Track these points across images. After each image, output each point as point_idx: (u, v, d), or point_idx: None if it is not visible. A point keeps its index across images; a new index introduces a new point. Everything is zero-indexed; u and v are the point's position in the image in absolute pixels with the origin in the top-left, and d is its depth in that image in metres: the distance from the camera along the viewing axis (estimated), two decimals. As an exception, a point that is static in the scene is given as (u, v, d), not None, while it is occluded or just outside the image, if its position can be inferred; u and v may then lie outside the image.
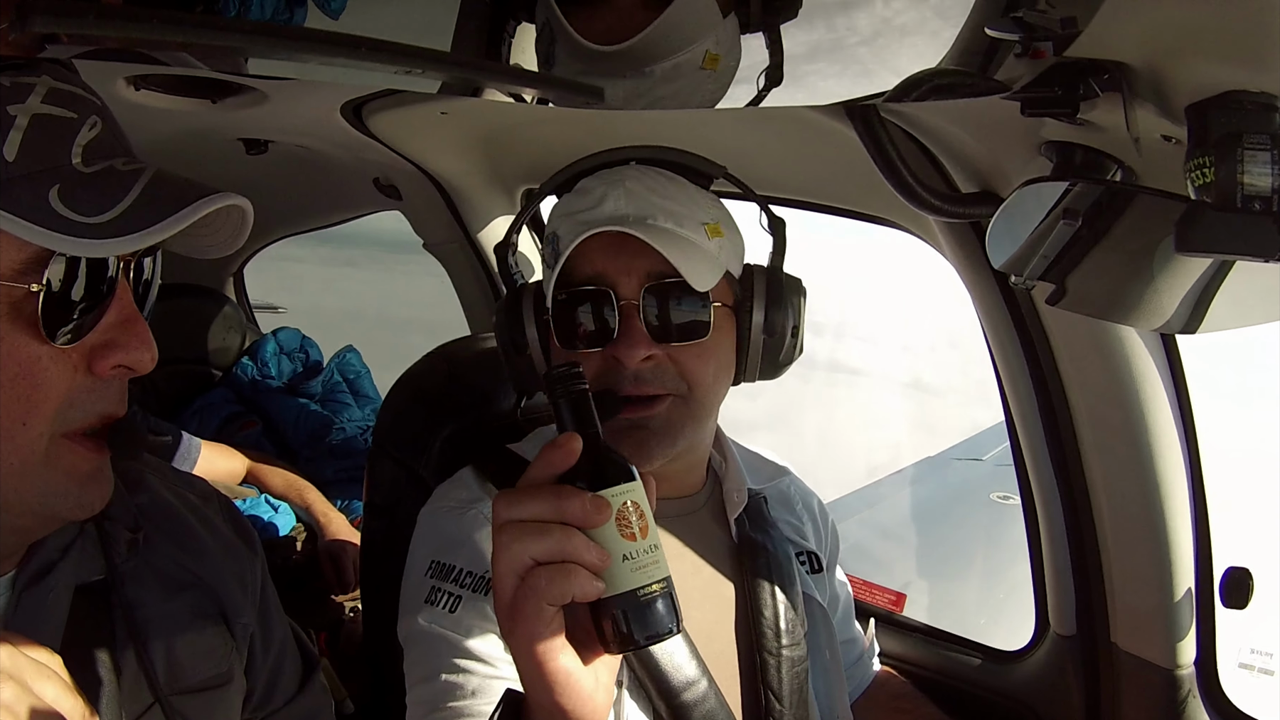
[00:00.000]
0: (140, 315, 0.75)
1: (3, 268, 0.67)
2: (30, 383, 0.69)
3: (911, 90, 0.94)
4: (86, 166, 0.71)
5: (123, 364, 0.73)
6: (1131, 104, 0.83)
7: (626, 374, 1.10)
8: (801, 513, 1.42)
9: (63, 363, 0.71)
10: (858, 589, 1.85)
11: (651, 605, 0.74)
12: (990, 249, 1.07)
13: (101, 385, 0.74)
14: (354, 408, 2.80)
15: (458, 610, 1.07)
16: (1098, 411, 1.40)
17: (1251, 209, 0.73)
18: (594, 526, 0.72)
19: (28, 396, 0.69)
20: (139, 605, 0.85)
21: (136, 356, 0.73)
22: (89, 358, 0.72)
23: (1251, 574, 1.38)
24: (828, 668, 1.28)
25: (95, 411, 0.74)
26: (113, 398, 0.75)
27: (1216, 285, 0.93)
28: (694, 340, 1.12)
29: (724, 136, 1.58)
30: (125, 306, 0.74)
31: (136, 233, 0.68)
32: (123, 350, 0.73)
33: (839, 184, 1.62)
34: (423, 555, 1.15)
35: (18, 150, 0.68)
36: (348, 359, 2.94)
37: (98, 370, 0.73)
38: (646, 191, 1.12)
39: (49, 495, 0.74)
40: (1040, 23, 0.78)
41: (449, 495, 1.21)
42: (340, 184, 2.33)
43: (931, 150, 1.29)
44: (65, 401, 0.72)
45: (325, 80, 1.43)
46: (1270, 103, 0.75)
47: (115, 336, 0.73)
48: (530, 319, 1.18)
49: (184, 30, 0.75)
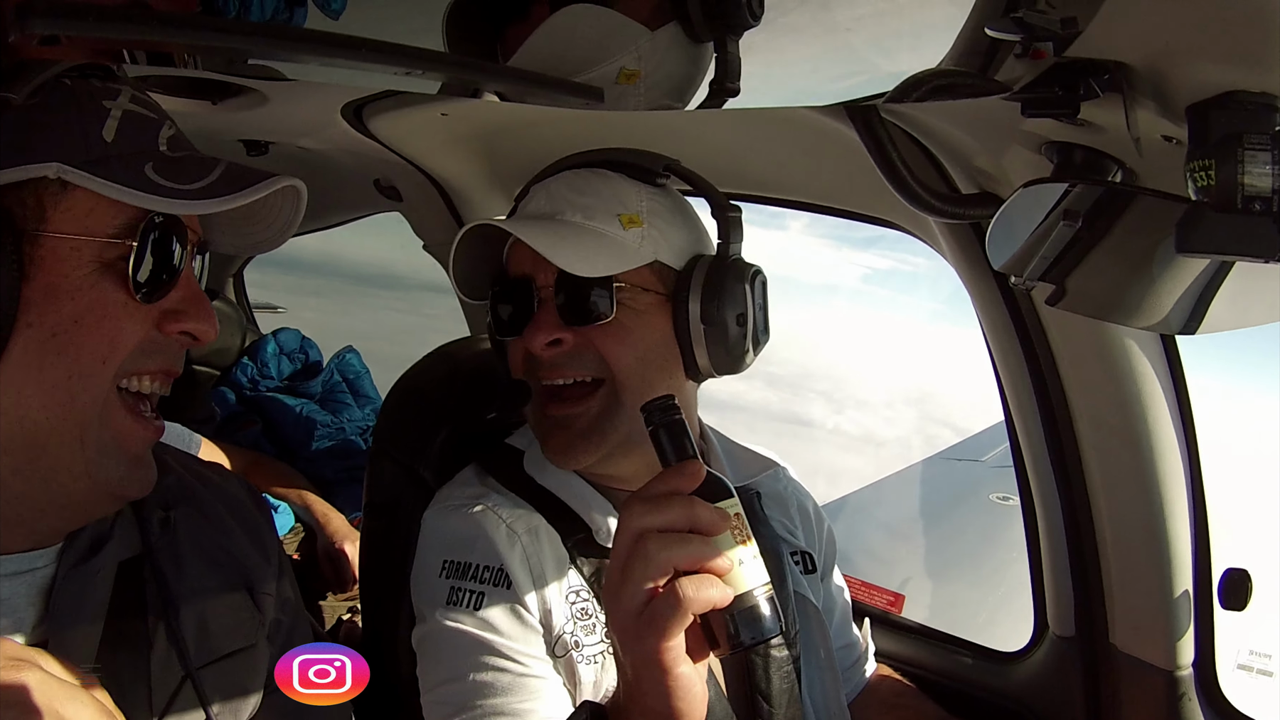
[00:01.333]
0: (203, 294, 0.87)
1: (100, 229, 0.78)
2: (114, 326, 0.79)
3: (912, 91, 0.94)
4: (172, 152, 0.83)
5: (187, 329, 0.84)
6: (1132, 104, 0.83)
7: (543, 361, 1.15)
8: (795, 513, 1.42)
9: (140, 316, 0.81)
10: (856, 589, 1.85)
11: (759, 608, 0.79)
12: (990, 250, 1.07)
13: (166, 343, 0.84)
14: (354, 408, 2.80)
15: (483, 607, 1.08)
16: (1097, 413, 1.40)
17: (1252, 209, 0.73)
18: (718, 534, 0.78)
19: (111, 340, 0.79)
20: (172, 580, 0.90)
21: (201, 326, 0.85)
22: (159, 319, 0.83)
23: (1250, 575, 1.38)
24: (821, 667, 1.27)
25: (158, 363, 0.84)
26: (174, 354, 0.86)
27: (1216, 286, 0.93)
28: (600, 321, 1.13)
29: (724, 137, 1.58)
30: (192, 285, 0.86)
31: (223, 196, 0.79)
32: (191, 319, 0.84)
33: (839, 185, 1.62)
34: (434, 556, 1.15)
35: (115, 134, 0.80)
36: (347, 359, 2.94)
37: (166, 330, 0.83)
38: (565, 189, 1.19)
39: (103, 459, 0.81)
40: (1040, 23, 0.78)
41: (453, 494, 1.21)
42: (341, 185, 2.32)
43: (932, 151, 1.29)
44: (139, 349, 0.81)
45: (326, 81, 1.43)
46: (1270, 103, 0.75)
47: (184, 307, 0.84)
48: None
49: (184, 31, 0.75)
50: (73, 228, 0.77)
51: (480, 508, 1.16)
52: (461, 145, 1.94)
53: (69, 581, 0.82)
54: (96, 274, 0.78)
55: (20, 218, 0.76)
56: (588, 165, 1.23)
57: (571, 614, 1.11)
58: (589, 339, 1.13)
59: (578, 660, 1.09)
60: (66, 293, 0.77)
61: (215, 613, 0.92)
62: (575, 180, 1.20)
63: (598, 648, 1.11)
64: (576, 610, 1.11)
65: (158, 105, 0.87)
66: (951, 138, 1.23)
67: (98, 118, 0.80)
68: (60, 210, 0.77)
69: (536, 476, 1.20)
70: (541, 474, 1.20)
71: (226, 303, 3.08)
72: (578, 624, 1.11)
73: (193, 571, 0.92)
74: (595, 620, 1.12)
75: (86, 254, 0.78)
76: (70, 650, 0.78)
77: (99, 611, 0.83)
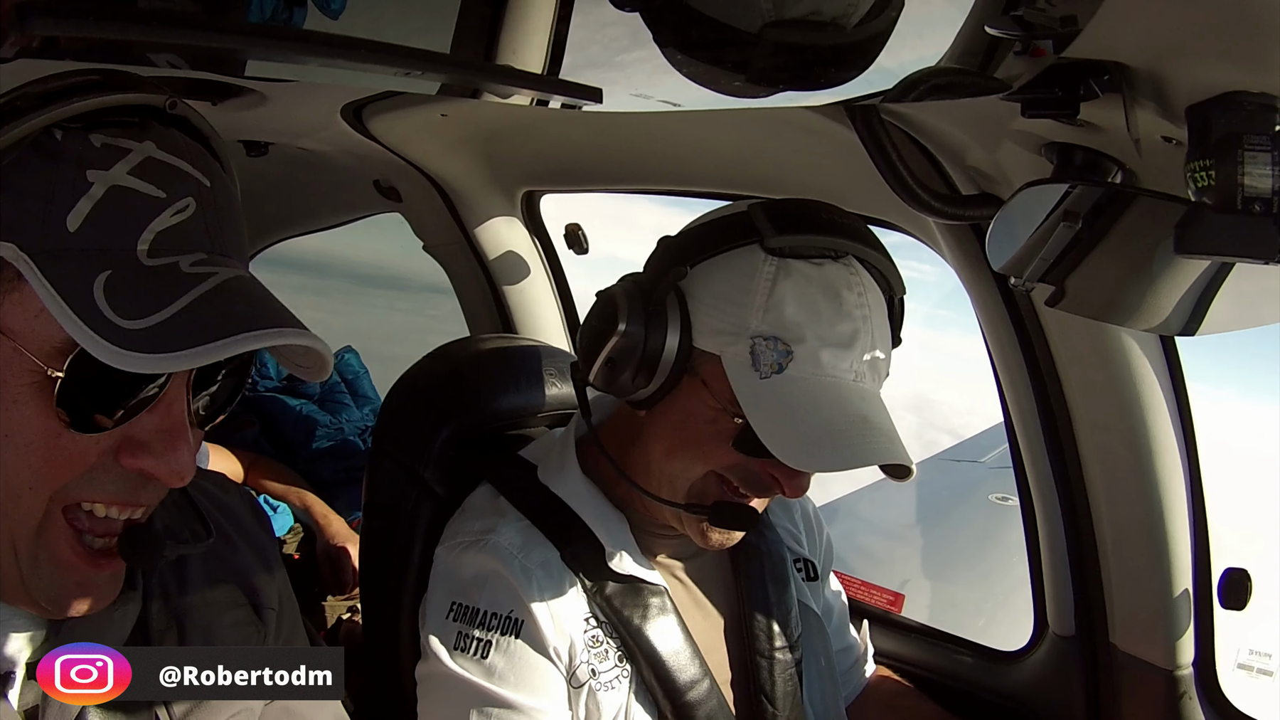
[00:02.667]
0: (185, 429, 0.70)
1: (40, 343, 0.64)
2: (43, 454, 0.66)
3: (911, 89, 0.94)
4: (150, 258, 0.66)
5: (144, 469, 0.69)
6: (1132, 105, 0.83)
7: (775, 496, 1.10)
8: (799, 519, 1.42)
9: (83, 445, 0.67)
10: (856, 589, 1.85)
11: None
12: (990, 251, 1.07)
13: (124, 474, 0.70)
14: (352, 408, 2.80)
15: (490, 656, 1.07)
16: (1097, 413, 1.40)
17: (1252, 210, 0.73)
18: None
19: (38, 468, 0.67)
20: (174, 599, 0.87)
21: (164, 469, 0.69)
22: (120, 447, 0.68)
23: (1250, 575, 1.38)
24: (822, 673, 1.28)
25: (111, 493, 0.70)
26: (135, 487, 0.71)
27: (1216, 287, 0.93)
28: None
29: (723, 137, 1.58)
30: (173, 416, 0.69)
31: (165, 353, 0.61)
32: (152, 458, 0.69)
33: (838, 185, 1.62)
34: (442, 595, 1.14)
35: (82, 221, 0.64)
36: (346, 359, 2.94)
37: (124, 463, 0.69)
38: (880, 340, 1.06)
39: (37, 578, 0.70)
40: (1040, 21, 0.78)
41: (462, 529, 1.18)
42: (340, 186, 2.32)
43: (931, 151, 1.29)
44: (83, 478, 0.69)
45: (325, 82, 1.42)
46: (1270, 103, 0.75)
47: (150, 439, 0.69)
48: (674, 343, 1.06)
49: (184, 31, 0.75)
50: (18, 328, 0.64)
51: (490, 544, 1.13)
52: (461, 145, 1.94)
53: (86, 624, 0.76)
54: (34, 388, 0.64)
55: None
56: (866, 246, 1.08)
57: (585, 642, 1.11)
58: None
59: (597, 689, 1.09)
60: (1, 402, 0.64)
61: (219, 629, 0.89)
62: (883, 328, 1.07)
63: (612, 673, 1.11)
64: (589, 639, 1.11)
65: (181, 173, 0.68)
66: (951, 138, 1.23)
67: (70, 196, 0.64)
68: (11, 301, 0.64)
69: (555, 490, 1.19)
70: (560, 487, 1.19)
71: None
72: (591, 652, 1.10)
73: (196, 591, 0.89)
74: (607, 647, 1.12)
75: (26, 363, 0.64)
76: None
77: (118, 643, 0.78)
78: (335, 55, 0.82)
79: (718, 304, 1.05)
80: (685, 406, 1.08)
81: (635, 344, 1.06)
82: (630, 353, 1.06)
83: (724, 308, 1.05)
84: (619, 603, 1.13)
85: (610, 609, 1.13)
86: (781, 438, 0.99)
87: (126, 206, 0.66)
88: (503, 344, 1.56)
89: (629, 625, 1.12)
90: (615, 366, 1.08)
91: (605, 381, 1.11)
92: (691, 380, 1.07)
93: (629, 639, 1.12)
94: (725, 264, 1.06)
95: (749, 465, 1.06)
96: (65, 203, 0.64)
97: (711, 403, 1.06)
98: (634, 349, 1.06)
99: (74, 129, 0.66)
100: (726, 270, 1.06)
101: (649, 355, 1.06)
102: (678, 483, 1.10)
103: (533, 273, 2.13)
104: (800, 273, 1.03)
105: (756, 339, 1.02)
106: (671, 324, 1.05)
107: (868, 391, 1.04)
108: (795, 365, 1.01)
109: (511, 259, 2.12)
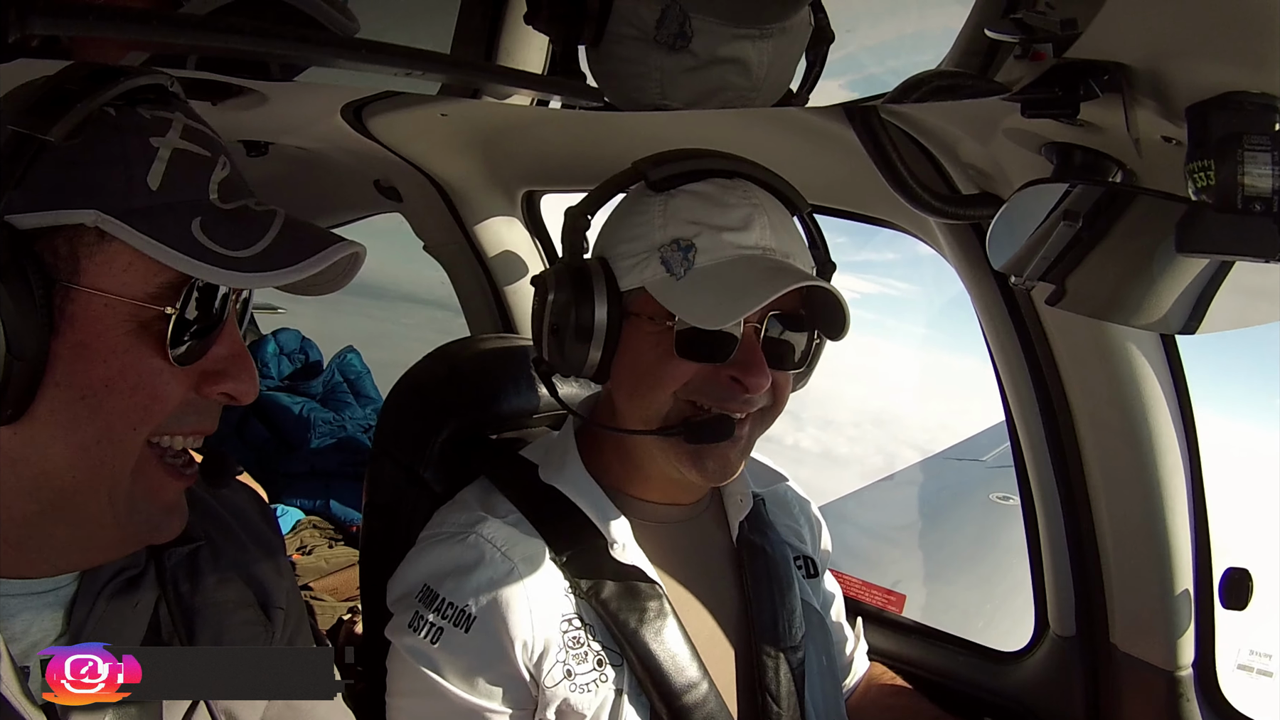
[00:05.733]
0: (246, 350, 0.81)
1: (138, 288, 0.72)
2: (149, 393, 0.74)
3: (912, 91, 0.94)
4: (224, 203, 0.76)
5: (228, 392, 0.79)
6: (1132, 105, 0.83)
7: (742, 397, 1.11)
8: (799, 515, 1.42)
9: (178, 381, 0.76)
10: (858, 590, 1.85)
11: None
12: (991, 250, 1.07)
13: (204, 405, 0.79)
14: (355, 406, 2.81)
15: (438, 643, 1.09)
16: (1097, 413, 1.40)
17: (1252, 210, 0.73)
18: None
19: (146, 406, 0.74)
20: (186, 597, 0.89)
21: (243, 388, 0.79)
22: (198, 381, 0.77)
23: (1251, 575, 1.38)
24: (823, 673, 1.28)
25: (193, 424, 0.79)
26: (210, 415, 0.81)
27: (1216, 286, 0.93)
28: (797, 369, 1.17)
29: (723, 138, 1.58)
30: (234, 341, 0.80)
31: (278, 269, 0.73)
32: (232, 380, 0.79)
33: (839, 185, 1.62)
34: (413, 573, 1.15)
35: (160, 180, 0.73)
36: (348, 359, 2.95)
37: (205, 393, 0.78)
38: (780, 226, 1.13)
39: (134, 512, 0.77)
40: (1040, 24, 0.78)
41: (447, 520, 1.19)
42: (341, 186, 2.32)
43: (932, 151, 1.29)
44: (175, 413, 0.77)
45: (325, 82, 1.43)
46: (1270, 103, 0.75)
47: (226, 367, 0.79)
48: (603, 304, 1.12)
49: (184, 32, 0.75)
50: (109, 284, 0.71)
51: (473, 537, 1.14)
52: (461, 145, 1.94)
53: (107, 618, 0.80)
54: (132, 335, 0.72)
55: (52, 267, 0.70)
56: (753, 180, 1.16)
57: (563, 643, 1.10)
58: (776, 379, 1.14)
59: (571, 690, 1.09)
60: (99, 353, 0.71)
61: (229, 629, 0.90)
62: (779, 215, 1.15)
63: (590, 675, 1.10)
64: (568, 640, 1.11)
65: (211, 136, 0.78)
66: (951, 138, 1.23)
67: (144, 160, 0.72)
68: (96, 263, 0.71)
69: (557, 484, 1.19)
70: (562, 482, 1.19)
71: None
72: (569, 653, 1.10)
73: (207, 590, 0.91)
74: (586, 649, 1.11)
75: (122, 313, 0.72)
76: None
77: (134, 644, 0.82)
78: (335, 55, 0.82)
79: (626, 244, 1.14)
80: (632, 346, 1.13)
81: (568, 305, 1.12)
82: (566, 314, 1.12)
83: (632, 245, 1.13)
84: (615, 606, 1.12)
85: (606, 612, 1.12)
86: (700, 309, 1.06)
87: (190, 164, 0.75)
88: (503, 344, 1.56)
89: (625, 628, 1.11)
90: (559, 334, 1.14)
91: (557, 356, 1.16)
92: (630, 322, 1.13)
93: (624, 642, 1.11)
94: (624, 211, 1.17)
95: (706, 375, 1.10)
96: (141, 167, 0.72)
97: (650, 327, 1.11)
98: (568, 310, 1.12)
99: (123, 106, 0.73)
100: (626, 214, 1.17)
101: (582, 314, 1.12)
102: (650, 418, 1.13)
103: (533, 273, 2.13)
104: (686, 191, 1.13)
105: (663, 249, 1.11)
106: (596, 279, 1.12)
107: (781, 262, 1.10)
108: (702, 255, 1.09)
109: (511, 259, 2.12)
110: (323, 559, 2.38)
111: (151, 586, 0.85)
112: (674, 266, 1.10)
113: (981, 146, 1.18)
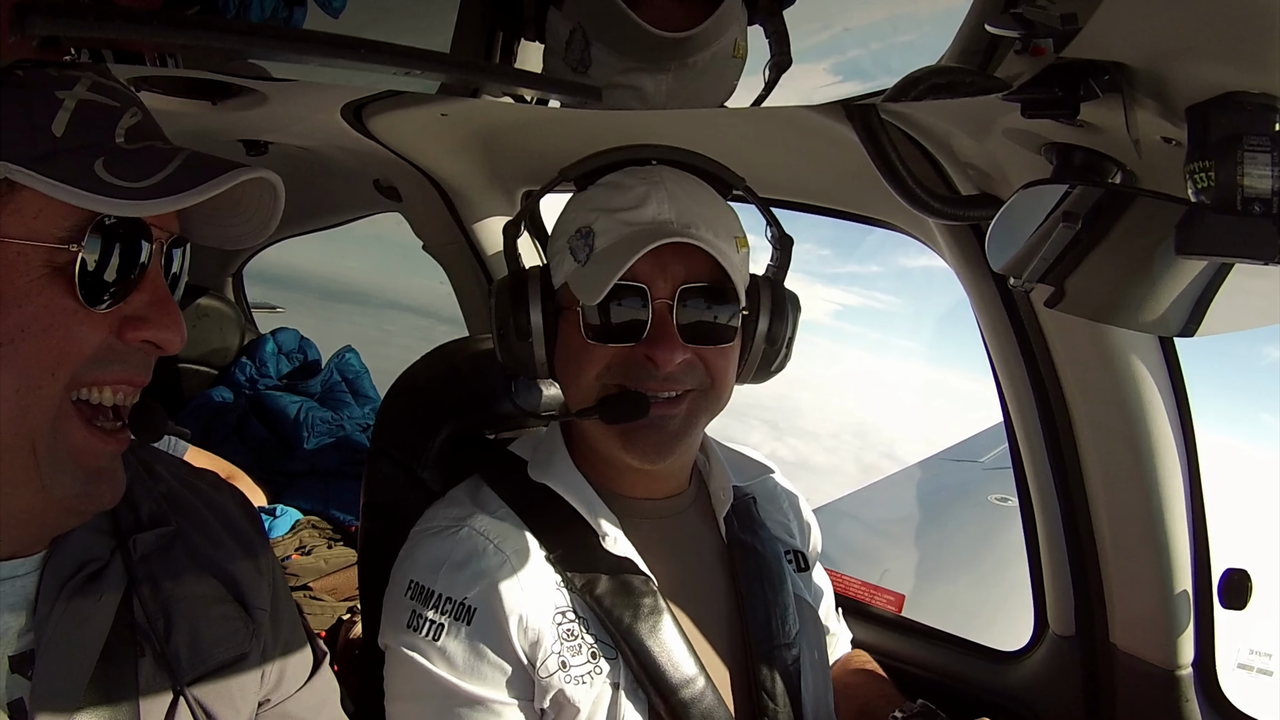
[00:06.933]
0: (171, 297, 0.81)
1: (47, 232, 0.73)
2: (62, 335, 0.74)
3: (911, 89, 0.94)
4: (129, 144, 0.77)
5: (151, 339, 0.79)
6: (1131, 105, 0.83)
7: (658, 374, 1.11)
8: (787, 509, 1.43)
9: (94, 324, 0.76)
10: (857, 589, 1.85)
11: None
12: (990, 251, 1.07)
13: (127, 351, 0.78)
14: (354, 406, 2.81)
15: (440, 640, 1.08)
16: (1096, 414, 1.40)
17: (1251, 211, 0.73)
18: None
19: (60, 349, 0.74)
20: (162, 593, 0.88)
21: (166, 335, 0.79)
22: (120, 326, 0.77)
23: (1250, 575, 1.38)
24: (816, 668, 1.28)
25: (118, 373, 0.78)
26: (137, 362, 0.80)
27: (1216, 287, 0.93)
28: (724, 344, 1.15)
29: (722, 138, 1.58)
30: (158, 287, 0.80)
31: (176, 194, 0.72)
32: (153, 327, 0.78)
33: (838, 186, 1.62)
34: (404, 572, 1.15)
35: (65, 128, 0.74)
36: (347, 359, 2.95)
37: (127, 338, 0.78)
38: (685, 197, 1.13)
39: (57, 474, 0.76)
40: (1040, 19, 0.78)
41: (439, 514, 1.20)
42: (341, 185, 2.32)
43: (931, 152, 1.29)
44: (93, 358, 0.76)
45: (325, 81, 1.43)
46: (1270, 103, 0.75)
47: (148, 313, 0.78)
48: (536, 305, 1.17)
49: (184, 31, 0.75)
50: (18, 231, 0.72)
51: (464, 530, 1.14)
52: (461, 145, 1.94)
53: (68, 616, 0.79)
54: (44, 280, 0.73)
55: None
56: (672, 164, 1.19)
57: (558, 635, 1.11)
58: (703, 355, 1.14)
59: (565, 682, 1.09)
60: (13, 300, 0.72)
61: (207, 622, 0.90)
62: (685, 186, 1.15)
63: (584, 668, 1.11)
64: (563, 631, 1.11)
65: (122, 91, 0.80)
66: (951, 139, 1.23)
67: (48, 110, 0.74)
68: (6, 213, 0.72)
69: (546, 480, 1.20)
70: (550, 478, 1.20)
71: (225, 302, 3.08)
72: (564, 644, 1.10)
73: (184, 582, 0.90)
74: (580, 641, 1.12)
75: (34, 259, 0.73)
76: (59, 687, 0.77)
77: (94, 647, 0.81)
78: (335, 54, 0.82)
79: (552, 243, 1.20)
80: (562, 338, 1.18)
81: (507, 311, 1.18)
82: (507, 320, 1.18)
83: (554, 244, 1.19)
84: (609, 601, 1.13)
85: (600, 607, 1.12)
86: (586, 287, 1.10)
87: (96, 113, 0.76)
88: (502, 344, 1.56)
89: (620, 624, 1.11)
90: (505, 339, 1.19)
91: (510, 359, 1.21)
92: (562, 317, 1.18)
93: (619, 637, 1.11)
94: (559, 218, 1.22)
95: (624, 356, 1.12)
96: (45, 116, 0.73)
97: (572, 317, 1.15)
98: (508, 316, 1.18)
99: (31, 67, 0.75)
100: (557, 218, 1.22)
101: (519, 317, 1.17)
102: (579, 404, 1.16)
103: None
104: (598, 184, 1.18)
105: (570, 240, 1.15)
106: (531, 283, 1.18)
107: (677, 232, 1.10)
108: (600, 238, 1.12)
109: (511, 259, 2.12)
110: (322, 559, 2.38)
111: (118, 579, 0.85)
112: (579, 254, 1.14)
113: (981, 147, 1.18)
